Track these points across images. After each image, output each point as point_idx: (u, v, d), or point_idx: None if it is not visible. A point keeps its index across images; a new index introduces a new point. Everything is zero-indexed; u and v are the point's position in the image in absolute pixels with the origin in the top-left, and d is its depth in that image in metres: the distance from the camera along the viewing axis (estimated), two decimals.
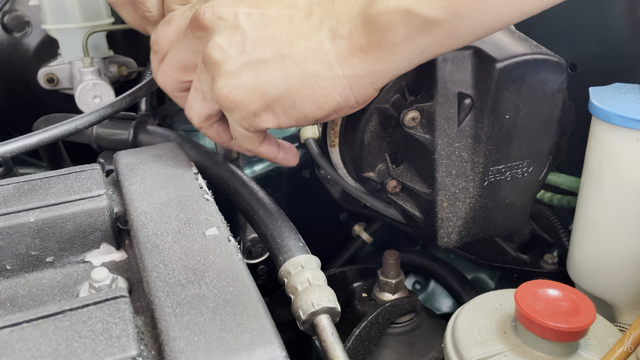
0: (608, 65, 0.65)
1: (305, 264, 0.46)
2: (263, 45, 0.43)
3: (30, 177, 0.49)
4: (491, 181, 0.53)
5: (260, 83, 0.43)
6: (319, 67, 0.42)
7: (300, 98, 0.43)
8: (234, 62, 0.43)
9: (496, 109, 0.50)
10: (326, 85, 0.42)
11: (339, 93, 0.42)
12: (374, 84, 0.42)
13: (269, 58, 0.43)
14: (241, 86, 0.44)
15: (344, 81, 0.42)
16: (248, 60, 0.43)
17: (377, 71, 0.41)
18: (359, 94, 0.43)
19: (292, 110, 0.44)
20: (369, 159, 0.56)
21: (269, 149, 0.51)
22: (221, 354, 0.31)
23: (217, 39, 0.44)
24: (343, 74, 0.41)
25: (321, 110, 0.43)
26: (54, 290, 0.43)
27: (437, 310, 0.94)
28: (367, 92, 0.43)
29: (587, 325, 0.41)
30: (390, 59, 0.40)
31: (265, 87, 0.43)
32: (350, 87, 0.42)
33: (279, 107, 0.44)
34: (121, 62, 0.99)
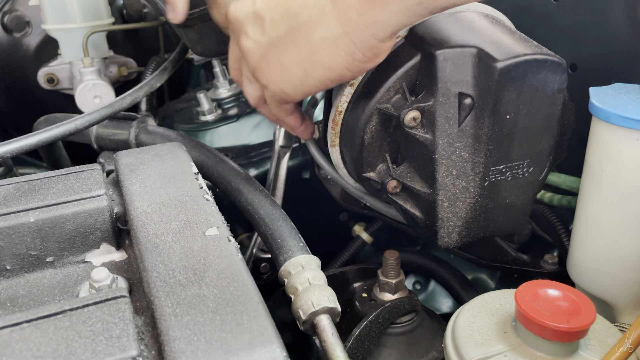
0: (608, 65, 0.65)
1: (305, 264, 0.46)
2: (278, 24, 0.46)
3: (30, 177, 0.49)
4: (492, 181, 0.53)
5: (281, 59, 0.47)
6: (321, 31, 0.44)
7: (310, 64, 0.46)
8: (260, 46, 0.48)
9: (497, 109, 0.50)
10: (329, 45, 0.44)
11: (343, 49, 0.44)
12: (375, 35, 0.43)
13: (283, 34, 0.46)
14: (269, 65, 0.48)
15: (345, 37, 0.44)
16: (270, 41, 0.47)
17: (376, 22, 0.42)
18: (362, 46, 0.44)
19: (307, 79, 0.47)
20: (369, 159, 0.56)
21: (295, 120, 0.58)
22: (221, 354, 0.31)
23: (244, 28, 0.49)
24: (343, 30, 0.43)
25: (331, 70, 0.46)
26: (54, 290, 0.43)
27: (437, 310, 0.94)
28: (369, 43, 0.44)
29: (587, 325, 0.41)
30: (386, 9, 0.41)
31: (284, 63, 0.47)
32: (352, 41, 0.44)
33: (295, 78, 0.47)
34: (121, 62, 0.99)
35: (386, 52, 0.46)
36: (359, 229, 0.91)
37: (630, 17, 0.62)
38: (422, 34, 0.51)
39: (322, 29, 0.44)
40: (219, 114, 0.90)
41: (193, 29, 0.70)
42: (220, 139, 0.87)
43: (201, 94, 0.89)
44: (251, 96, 0.55)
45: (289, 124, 0.58)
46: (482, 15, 0.56)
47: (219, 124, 0.88)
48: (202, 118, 0.89)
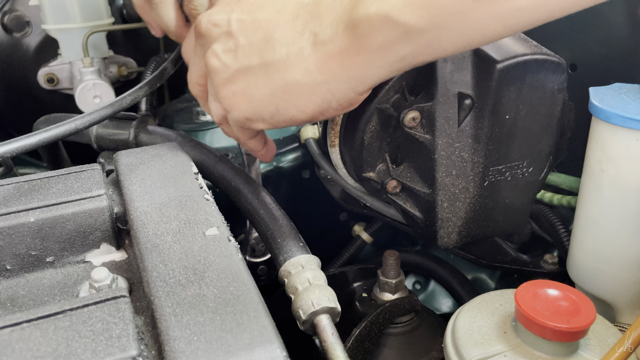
0: (608, 65, 0.65)
1: (305, 264, 0.46)
2: (252, 52, 0.44)
3: (30, 177, 0.49)
4: (491, 181, 0.53)
5: (249, 90, 0.45)
6: (299, 74, 0.42)
7: (283, 103, 0.44)
8: (228, 69, 0.46)
9: (496, 109, 0.50)
10: (306, 91, 0.43)
11: (320, 97, 0.43)
12: (354, 89, 0.42)
13: (256, 65, 0.44)
14: (235, 93, 0.46)
15: (324, 86, 0.42)
16: (240, 68, 0.45)
17: (356, 76, 0.41)
18: (340, 98, 0.43)
19: (278, 115, 0.46)
20: (369, 159, 0.56)
21: (256, 144, 0.56)
22: (221, 354, 0.31)
23: (214, 46, 0.46)
24: (322, 79, 0.42)
25: (304, 114, 0.44)
26: (54, 290, 0.43)
27: (437, 310, 0.94)
28: (348, 96, 0.43)
29: (587, 325, 0.41)
30: (369, 65, 0.40)
31: (252, 94, 0.45)
32: (330, 91, 0.42)
33: (265, 112, 0.46)
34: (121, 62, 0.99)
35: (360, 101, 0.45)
36: (359, 229, 0.91)
37: (630, 17, 0.62)
38: None
39: (300, 72, 0.42)
40: None
41: None
42: (220, 139, 0.87)
43: None
44: (214, 114, 0.52)
45: (250, 147, 0.56)
46: None
47: None
48: (202, 118, 0.89)
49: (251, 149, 0.56)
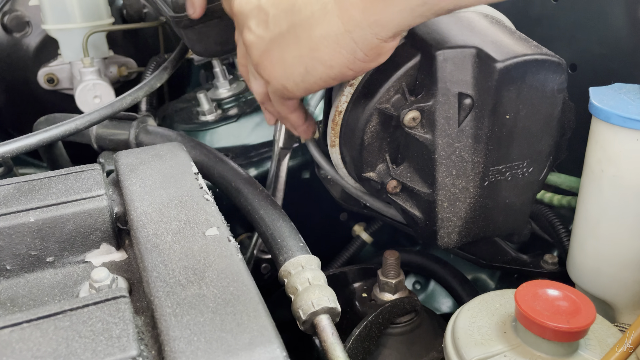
0: (608, 65, 0.65)
1: (305, 264, 0.46)
2: (281, 19, 0.46)
3: (30, 177, 0.49)
4: (491, 181, 0.53)
5: (283, 55, 0.47)
6: (324, 28, 0.43)
7: (311, 61, 0.45)
8: (263, 41, 0.47)
9: (496, 109, 0.50)
10: (331, 43, 0.44)
11: (344, 48, 0.44)
12: (377, 35, 0.43)
13: (286, 30, 0.46)
14: (272, 62, 0.48)
15: (347, 35, 0.43)
16: (273, 37, 0.47)
17: (378, 21, 0.42)
18: (364, 46, 0.43)
19: (308, 76, 0.47)
20: (369, 159, 0.56)
21: (298, 118, 0.57)
22: (221, 354, 0.31)
23: (248, 22, 0.48)
24: (345, 28, 0.43)
25: (332, 69, 0.45)
26: (54, 290, 0.43)
27: (437, 310, 0.94)
28: (371, 43, 0.43)
29: (587, 325, 0.41)
30: (390, 9, 0.41)
31: (285, 58, 0.47)
32: (354, 40, 0.43)
33: (297, 75, 0.47)
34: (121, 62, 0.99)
35: (389, 53, 0.45)
36: (359, 229, 0.91)
37: (630, 17, 0.62)
38: (422, 34, 0.51)
39: (324, 26, 0.43)
40: (219, 114, 0.90)
41: (193, 29, 0.70)
42: (220, 139, 0.87)
43: (201, 94, 0.89)
44: (257, 92, 0.55)
45: (291, 122, 0.58)
46: (482, 16, 0.56)
47: (219, 124, 0.88)
48: (202, 118, 0.89)
49: (293, 124, 0.57)
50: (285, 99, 0.53)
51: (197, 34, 0.70)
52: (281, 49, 0.47)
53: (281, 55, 0.47)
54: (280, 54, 0.47)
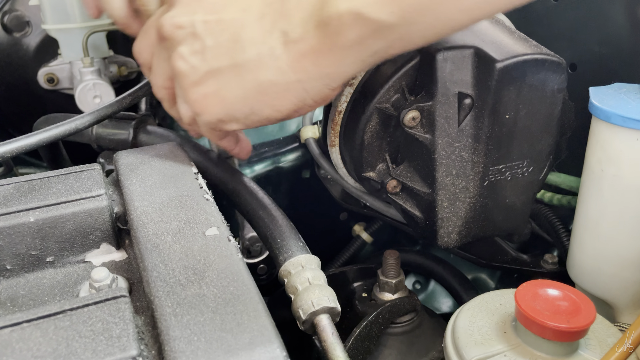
0: (608, 65, 0.65)
1: (305, 264, 0.46)
2: (220, 53, 0.43)
3: (30, 177, 0.49)
4: (491, 181, 0.53)
5: (220, 92, 0.44)
6: (272, 74, 0.42)
7: (257, 104, 0.44)
8: (197, 71, 0.44)
9: (496, 109, 0.50)
10: (280, 90, 0.43)
11: (295, 96, 0.43)
12: (328, 85, 0.42)
13: (226, 66, 0.43)
14: (206, 95, 0.45)
15: (298, 85, 0.42)
16: (209, 69, 0.44)
17: (330, 73, 0.41)
18: (315, 95, 0.43)
19: (253, 116, 0.45)
20: (369, 159, 0.56)
21: (229, 143, 0.55)
22: (221, 353, 0.31)
23: (180, 48, 0.45)
24: (296, 78, 0.42)
25: (280, 112, 0.45)
26: (54, 290, 0.43)
27: (437, 310, 0.94)
28: (323, 93, 0.43)
29: (587, 325, 0.41)
30: (342, 61, 0.40)
31: (224, 96, 0.44)
32: (305, 89, 0.43)
33: (239, 113, 0.45)
34: (121, 62, 0.99)
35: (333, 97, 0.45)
36: (359, 229, 0.91)
37: (630, 17, 0.62)
38: None
39: (272, 71, 0.42)
40: None
41: None
42: None
43: None
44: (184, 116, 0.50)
45: (222, 147, 0.56)
46: None
47: None
48: None
49: (224, 148, 0.56)
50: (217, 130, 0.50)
51: None
52: (219, 85, 0.44)
53: (219, 90, 0.44)
54: (218, 89, 0.44)
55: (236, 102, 0.45)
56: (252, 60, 0.42)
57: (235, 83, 0.44)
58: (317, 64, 0.41)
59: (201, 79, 0.45)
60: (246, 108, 0.45)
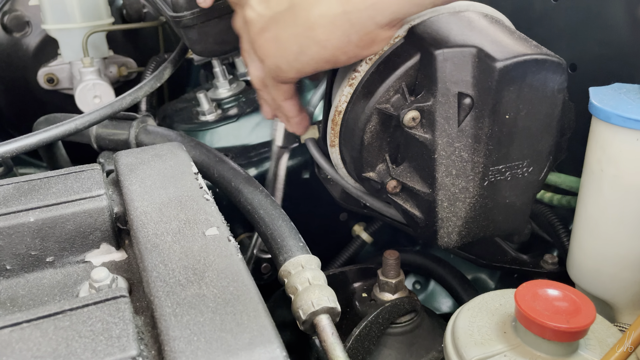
0: (608, 65, 0.65)
1: (305, 264, 0.46)
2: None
3: (30, 177, 0.49)
4: (491, 181, 0.53)
5: (279, 34, 0.47)
6: (322, 8, 0.44)
7: (305, 40, 0.46)
8: (262, 18, 0.48)
9: (496, 109, 0.49)
10: (327, 23, 0.44)
11: (339, 28, 0.44)
12: (373, 18, 0.43)
13: (285, 9, 0.46)
14: (268, 39, 0.48)
15: (343, 16, 0.43)
16: (272, 15, 0.47)
17: (375, 4, 0.42)
18: (359, 29, 0.44)
19: (302, 55, 0.47)
20: (369, 159, 0.56)
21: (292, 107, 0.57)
22: (221, 353, 0.31)
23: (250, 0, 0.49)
24: (342, 9, 0.43)
25: (325, 49, 0.46)
26: (54, 290, 0.43)
27: (437, 310, 0.94)
28: (367, 27, 0.44)
29: (587, 325, 0.41)
30: None
31: (280, 37, 0.47)
32: (350, 21, 0.44)
33: (290, 53, 0.47)
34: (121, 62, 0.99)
35: (383, 42, 0.46)
36: (359, 229, 0.91)
37: (630, 17, 0.62)
38: (422, 34, 0.51)
39: (323, 6, 0.44)
40: (218, 114, 0.90)
41: (193, 29, 0.70)
42: (220, 139, 0.87)
43: (201, 94, 0.89)
44: (253, 76, 0.54)
45: (285, 111, 0.57)
46: (482, 15, 0.56)
47: (218, 124, 0.88)
48: (202, 118, 0.89)
49: (286, 113, 0.57)
50: (280, 82, 0.52)
51: (197, 33, 0.70)
52: (278, 28, 0.47)
53: (277, 33, 0.47)
54: (277, 32, 0.47)
55: (288, 42, 0.47)
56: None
57: (290, 23, 0.46)
58: None
59: (265, 25, 0.48)
60: (295, 46, 0.47)
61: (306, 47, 0.46)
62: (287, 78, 0.50)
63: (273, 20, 0.47)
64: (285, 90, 0.54)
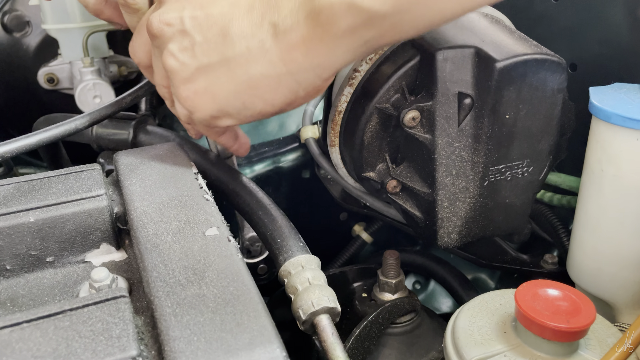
0: (608, 65, 0.65)
1: (305, 264, 0.46)
2: (210, 49, 0.43)
3: (30, 177, 0.49)
4: (491, 181, 0.53)
5: (211, 87, 0.44)
6: (263, 67, 0.42)
7: (249, 98, 0.44)
8: (187, 68, 0.44)
9: (496, 109, 0.50)
10: (272, 83, 0.42)
11: (287, 88, 0.43)
12: (320, 76, 0.42)
13: (216, 62, 0.43)
14: (197, 92, 0.45)
15: (289, 77, 0.42)
16: (199, 66, 0.44)
17: (321, 64, 0.41)
18: (307, 86, 0.43)
19: (245, 111, 0.45)
20: (369, 159, 0.56)
21: (227, 139, 0.54)
22: (221, 354, 0.31)
23: (170, 46, 0.45)
24: (287, 70, 0.41)
25: (272, 106, 0.44)
26: (54, 290, 0.43)
27: (437, 310, 0.94)
28: (314, 84, 0.43)
29: (587, 325, 0.41)
30: (334, 51, 0.40)
31: (215, 91, 0.44)
32: (296, 81, 0.42)
33: (231, 109, 0.45)
34: (121, 62, 0.99)
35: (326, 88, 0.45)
36: (359, 229, 0.91)
37: (630, 17, 0.62)
38: (422, 34, 0.51)
39: (263, 65, 0.42)
40: None
41: None
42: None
43: None
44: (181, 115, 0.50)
45: (222, 144, 0.55)
46: (482, 15, 0.56)
47: None
48: None
49: (223, 145, 0.55)
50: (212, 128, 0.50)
51: None
52: (209, 80, 0.44)
53: (210, 86, 0.44)
54: (209, 85, 0.44)
55: (228, 98, 0.44)
56: (242, 54, 0.42)
57: (225, 78, 0.43)
58: (308, 54, 0.40)
59: (192, 76, 0.44)
60: (238, 103, 0.44)
61: (250, 104, 0.44)
62: (222, 127, 0.48)
63: (200, 71, 0.44)
64: (217, 131, 0.52)
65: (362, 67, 0.55)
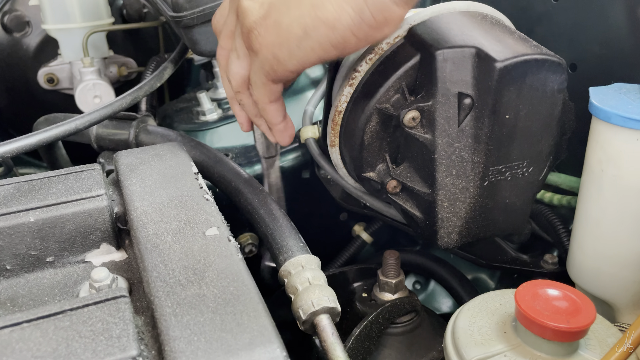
0: (608, 65, 0.65)
1: (305, 264, 0.46)
2: None
3: (30, 177, 0.49)
4: (491, 181, 0.53)
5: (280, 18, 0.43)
6: None
7: (312, 21, 0.41)
8: (262, 6, 0.44)
9: (496, 109, 0.49)
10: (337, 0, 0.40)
11: (351, 5, 0.40)
12: None
13: None
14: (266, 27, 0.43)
15: None
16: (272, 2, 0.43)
17: None
18: (374, 5, 0.40)
19: (307, 40, 0.42)
20: (369, 159, 0.56)
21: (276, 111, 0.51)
22: (221, 354, 0.31)
23: None
24: None
25: (334, 30, 0.41)
26: (54, 290, 0.43)
27: (437, 310, 0.94)
28: (383, 4, 0.40)
29: (587, 325, 0.41)
30: None
31: (282, 21, 0.42)
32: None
33: (293, 38, 0.42)
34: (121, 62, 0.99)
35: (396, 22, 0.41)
36: (359, 229, 0.91)
37: (630, 17, 0.62)
38: (422, 34, 0.51)
39: None
40: (219, 113, 0.90)
41: (193, 29, 0.70)
42: (220, 139, 0.87)
43: (201, 94, 0.89)
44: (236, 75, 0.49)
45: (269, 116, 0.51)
46: (482, 15, 0.56)
47: (219, 124, 0.88)
48: (202, 118, 0.89)
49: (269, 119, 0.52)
50: (271, 80, 0.47)
51: (197, 33, 0.70)
52: (280, 12, 0.42)
53: (279, 18, 0.43)
54: (278, 17, 0.43)
55: (291, 25, 0.42)
56: None
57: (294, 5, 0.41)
58: None
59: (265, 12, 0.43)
60: (300, 29, 0.42)
61: (312, 29, 0.41)
62: (283, 72, 0.45)
63: (273, 6, 0.43)
64: (273, 90, 0.49)
65: (362, 67, 0.55)
